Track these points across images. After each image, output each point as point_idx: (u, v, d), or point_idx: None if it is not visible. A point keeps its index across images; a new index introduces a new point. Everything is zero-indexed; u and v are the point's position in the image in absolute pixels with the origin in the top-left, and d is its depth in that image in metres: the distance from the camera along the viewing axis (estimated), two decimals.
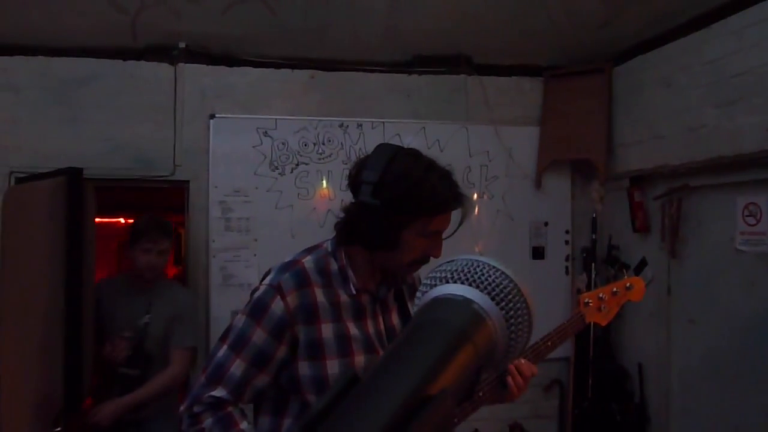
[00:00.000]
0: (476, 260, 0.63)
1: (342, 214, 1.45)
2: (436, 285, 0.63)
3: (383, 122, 3.34)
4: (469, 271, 0.62)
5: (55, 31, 3.02)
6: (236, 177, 3.19)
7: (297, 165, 3.26)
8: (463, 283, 0.61)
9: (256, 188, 3.20)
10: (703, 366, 2.82)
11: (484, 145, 3.44)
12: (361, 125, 3.32)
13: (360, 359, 1.41)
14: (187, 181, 3.22)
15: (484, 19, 3.09)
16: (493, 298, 0.60)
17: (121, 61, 3.17)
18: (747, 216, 2.57)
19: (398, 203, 1.37)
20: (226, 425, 1.34)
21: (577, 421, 3.30)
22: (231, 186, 3.19)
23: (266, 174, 3.22)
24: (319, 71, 3.35)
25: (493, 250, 3.43)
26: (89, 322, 2.51)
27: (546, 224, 3.53)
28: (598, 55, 3.36)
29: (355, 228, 1.41)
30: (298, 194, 3.25)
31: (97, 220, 6.26)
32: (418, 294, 0.64)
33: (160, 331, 2.58)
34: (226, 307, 3.12)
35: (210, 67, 3.25)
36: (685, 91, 2.82)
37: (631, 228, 3.18)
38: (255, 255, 3.17)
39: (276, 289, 1.38)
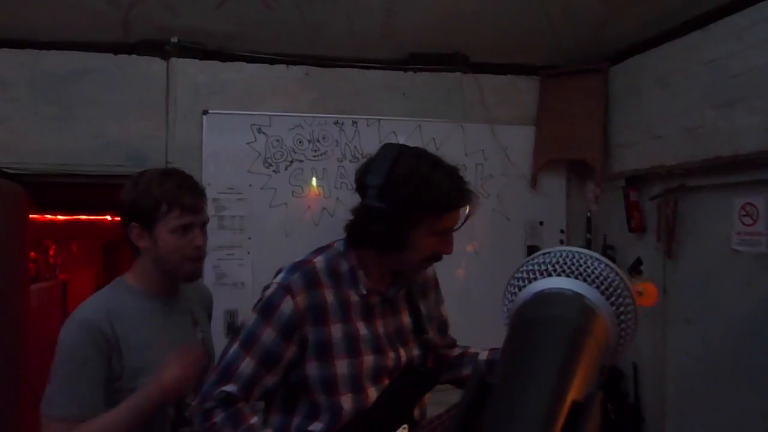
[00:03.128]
0: (577, 251, 0.59)
1: (351, 216, 1.46)
2: (535, 278, 0.59)
3: (379, 120, 3.31)
4: (573, 264, 0.58)
5: (44, 24, 2.96)
6: (230, 174, 3.15)
7: (291, 162, 3.22)
8: (568, 276, 0.57)
9: (250, 186, 3.15)
10: (698, 366, 2.82)
11: (479, 144, 3.42)
12: (356, 123, 3.29)
13: (369, 359, 1.43)
14: None
15: (480, 17, 3.08)
16: (602, 293, 0.56)
17: (112, 55, 3.11)
18: (744, 216, 2.57)
19: (404, 205, 1.38)
20: (236, 421, 1.35)
21: None
22: (224, 183, 3.14)
23: (260, 171, 3.18)
24: (315, 68, 3.31)
25: (488, 249, 3.42)
26: None
27: (541, 224, 3.52)
28: (596, 54, 3.35)
29: (364, 230, 1.42)
30: (293, 192, 3.21)
31: (83, 218, 6.19)
32: (511, 289, 0.60)
33: (211, 343, 1.78)
34: (219, 306, 3.03)
35: (203, 62, 3.19)
36: (683, 92, 2.82)
37: (627, 228, 3.17)
38: (249, 253, 3.13)
39: (286, 288, 1.39)
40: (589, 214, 3.45)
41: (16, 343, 3.10)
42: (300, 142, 3.24)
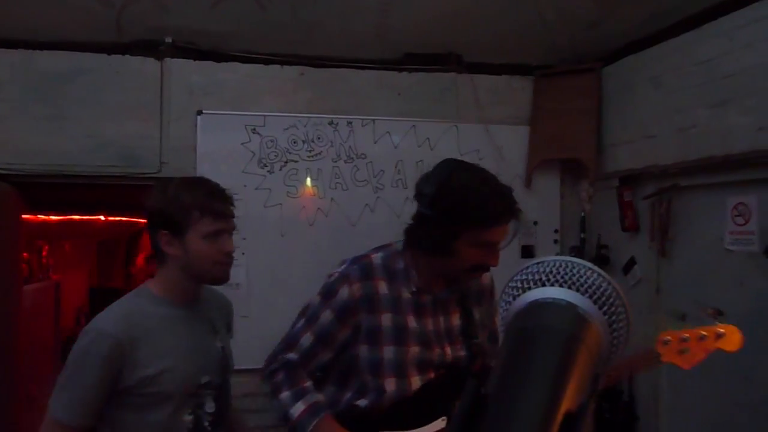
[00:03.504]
0: (571, 261, 0.60)
1: (410, 221, 1.60)
2: (530, 288, 0.59)
3: (373, 120, 3.32)
4: (566, 273, 0.59)
5: (38, 24, 2.95)
6: (224, 175, 3.12)
7: (286, 163, 3.22)
8: (561, 285, 0.58)
9: (245, 186, 3.15)
10: None
11: (474, 144, 3.43)
12: (351, 123, 3.29)
13: (414, 350, 1.59)
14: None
15: (474, 17, 3.08)
16: (595, 302, 0.57)
17: (106, 55, 3.10)
18: (736, 216, 2.59)
19: (450, 214, 1.51)
20: (293, 382, 1.60)
21: None
22: (219, 184, 3.13)
23: (255, 172, 3.17)
24: (309, 68, 3.31)
25: None
26: None
27: (535, 223, 3.53)
28: (589, 54, 3.37)
29: (416, 234, 1.58)
30: (287, 192, 3.21)
31: (76, 218, 6.18)
32: (506, 297, 0.61)
33: (230, 354, 1.73)
34: None
35: (197, 62, 3.19)
36: (676, 92, 2.84)
37: (620, 227, 3.19)
38: (243, 254, 3.12)
39: (345, 277, 1.60)
40: (583, 213, 3.47)
41: (9, 344, 3.09)
42: (294, 142, 3.23)
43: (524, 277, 0.61)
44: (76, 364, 1.47)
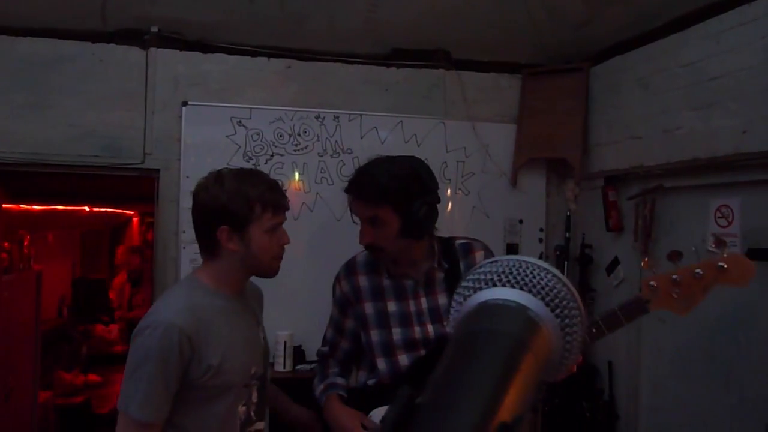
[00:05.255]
0: (525, 260, 0.57)
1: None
2: (480, 288, 0.56)
3: (360, 115, 3.30)
4: (519, 274, 0.55)
5: (20, 10, 2.90)
6: (209, 167, 3.00)
7: (272, 156, 3.19)
8: (513, 286, 0.55)
9: None
10: (671, 365, 2.86)
11: (461, 141, 3.42)
12: (338, 117, 3.27)
13: (396, 331, 1.82)
14: (158, 170, 3.13)
15: (463, 14, 3.07)
16: (547, 304, 0.54)
17: (90, 43, 3.05)
18: (719, 218, 2.60)
19: None
20: (323, 368, 1.97)
21: (548, 418, 3.32)
22: (203, 176, 3.09)
23: (240, 164, 3.14)
24: (297, 61, 3.29)
25: None
26: None
27: (521, 222, 3.53)
28: (577, 54, 3.37)
29: None
30: None
31: (60, 208, 6.07)
32: (458, 298, 0.58)
33: (267, 340, 1.76)
34: None
35: (183, 53, 3.15)
36: (662, 93, 2.84)
37: (605, 227, 3.20)
38: None
39: (336, 278, 1.94)
40: (568, 212, 3.47)
41: None
42: (281, 135, 3.21)
43: (477, 276, 0.57)
44: (148, 358, 1.42)
